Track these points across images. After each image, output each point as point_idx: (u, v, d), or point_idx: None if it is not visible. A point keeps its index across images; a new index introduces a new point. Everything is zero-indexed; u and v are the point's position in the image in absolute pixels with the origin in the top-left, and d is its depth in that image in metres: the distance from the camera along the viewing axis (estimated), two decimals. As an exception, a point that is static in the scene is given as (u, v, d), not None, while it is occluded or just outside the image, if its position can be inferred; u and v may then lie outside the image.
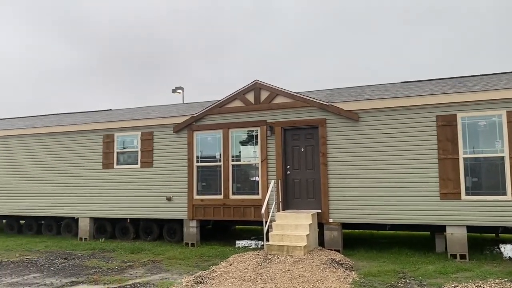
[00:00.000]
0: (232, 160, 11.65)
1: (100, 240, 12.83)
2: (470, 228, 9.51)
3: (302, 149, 11.03)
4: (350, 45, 59.04)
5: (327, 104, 10.59)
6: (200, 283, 7.43)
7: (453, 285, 7.03)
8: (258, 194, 11.20)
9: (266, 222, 9.97)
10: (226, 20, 65.91)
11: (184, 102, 23.58)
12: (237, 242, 12.54)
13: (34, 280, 8.21)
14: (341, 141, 10.46)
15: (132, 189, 12.65)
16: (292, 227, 9.85)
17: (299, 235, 9.49)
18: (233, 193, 11.54)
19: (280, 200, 10.85)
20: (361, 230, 13.39)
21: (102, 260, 10.02)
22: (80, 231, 13.28)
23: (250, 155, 11.57)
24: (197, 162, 12.00)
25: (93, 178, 13.20)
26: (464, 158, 9.46)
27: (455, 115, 9.57)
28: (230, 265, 8.55)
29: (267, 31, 64.10)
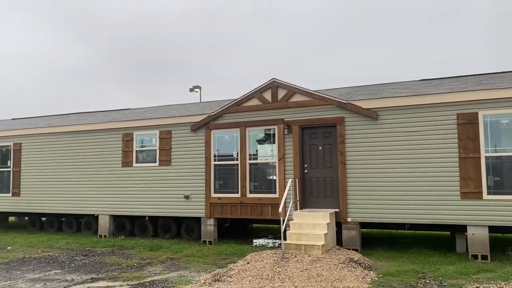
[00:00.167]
0: (249, 159, 11.66)
1: (120, 238, 13.00)
2: (492, 228, 9.30)
3: (320, 148, 10.97)
4: (365, 44, 58.51)
5: (345, 102, 10.51)
6: (218, 280, 7.46)
7: (474, 286, 6.91)
8: (275, 192, 11.18)
9: (283, 220, 9.95)
10: (242, 19, 65.96)
11: (201, 101, 23.73)
12: (254, 240, 12.55)
13: (56, 276, 8.37)
14: (359, 139, 10.37)
15: (151, 187, 12.78)
16: (309, 226, 9.81)
17: (317, 234, 9.45)
18: (250, 192, 11.55)
19: (298, 199, 10.82)
20: (380, 230, 13.26)
21: (122, 257, 10.15)
22: (100, 229, 13.48)
23: (267, 153, 11.56)
24: (215, 160, 12.05)
25: (112, 176, 13.38)
26: (486, 157, 9.27)
27: (476, 113, 9.39)
28: (248, 263, 8.56)
29: (283, 29, 63.93)
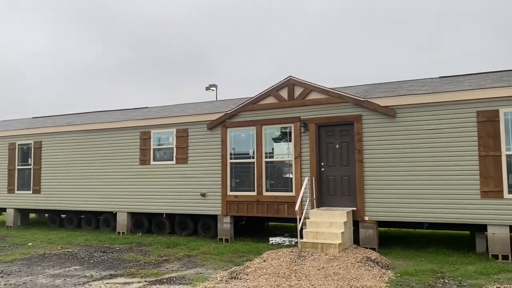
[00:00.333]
0: (266, 157, 11.66)
1: (137, 235, 13.15)
2: (513, 228, 9.15)
3: (337, 146, 10.90)
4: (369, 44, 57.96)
5: (362, 100, 10.43)
6: (235, 278, 7.48)
7: (495, 286, 6.79)
8: (291, 191, 11.16)
9: (300, 219, 9.92)
10: (257, 17, 65.92)
11: (218, 99, 23.82)
12: (270, 238, 12.56)
13: (75, 272, 8.51)
14: (377, 137, 10.28)
15: (168, 185, 12.88)
16: (326, 224, 9.77)
17: (334, 233, 9.40)
18: (267, 190, 11.55)
19: (314, 197, 10.78)
20: (398, 228, 13.12)
21: (139, 254, 10.27)
22: (118, 226, 13.66)
23: (284, 151, 11.55)
24: (231, 158, 12.08)
25: (130, 174, 13.54)
26: (507, 155, 9.09)
27: (497, 110, 9.21)
28: (264, 261, 8.57)
29: (298, 28, 63.69)
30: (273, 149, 11.68)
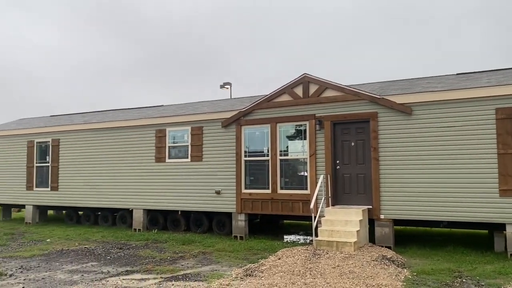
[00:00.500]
0: (280, 155, 11.64)
1: (153, 231, 13.27)
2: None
3: (353, 144, 10.83)
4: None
5: (378, 97, 10.33)
6: (250, 275, 7.50)
7: (514, 287, 6.68)
8: (306, 189, 11.13)
9: (315, 217, 9.90)
10: (270, 15, 65.81)
11: (232, 97, 23.85)
12: (285, 236, 12.55)
13: (92, 268, 8.63)
14: (393, 135, 10.18)
15: (183, 182, 12.97)
16: (341, 222, 9.72)
17: (349, 231, 9.36)
18: (281, 188, 11.54)
19: (330, 196, 10.73)
20: (414, 227, 12.99)
21: (155, 250, 10.36)
22: (134, 222, 13.80)
23: (298, 149, 11.52)
24: (245, 156, 12.10)
25: (146, 171, 13.66)
26: (526, 153, 8.93)
27: (517, 108, 9.05)
28: (279, 259, 8.57)
29: (311, 26, 63.38)
30: (287, 147, 11.66)
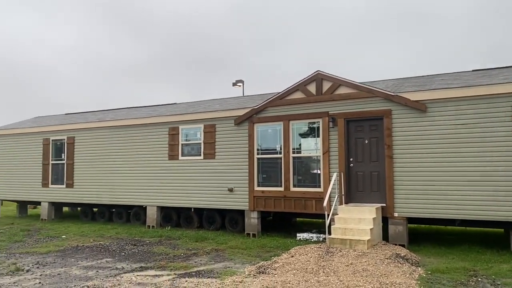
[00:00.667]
0: (293, 152, 11.61)
1: (166, 228, 13.36)
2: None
3: (366, 141, 10.75)
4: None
5: (392, 94, 10.24)
6: (262, 273, 7.51)
7: (531, 286, 6.57)
8: (319, 186, 11.09)
9: (328, 215, 9.86)
10: (282, 13, 65.63)
11: (244, 95, 23.85)
12: (298, 234, 12.53)
13: (107, 264, 8.72)
14: (407, 132, 10.08)
15: (196, 180, 13.02)
16: (355, 220, 9.67)
17: (363, 229, 9.30)
18: (294, 186, 11.52)
19: (343, 193, 10.67)
20: (428, 225, 12.87)
21: (169, 247, 10.43)
22: (148, 219, 13.91)
23: (311, 147, 11.48)
24: (258, 154, 12.10)
25: (159, 169, 13.75)
26: (544, 150, 8.77)
27: (534, 104, 8.88)
28: (292, 256, 8.56)
29: (326, 25, 63.02)
30: (300, 144, 11.63)
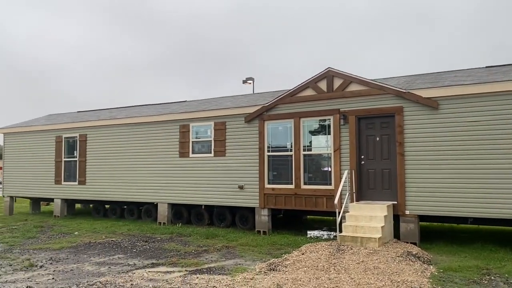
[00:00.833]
0: (304, 150, 11.59)
1: (177, 225, 13.43)
2: None
3: (377, 139, 10.69)
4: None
5: (404, 91, 10.16)
6: (273, 270, 7.52)
7: (546, 285, 6.49)
8: (330, 184, 11.06)
9: (339, 212, 9.83)
10: (292, 11, 65.51)
11: (255, 92, 23.84)
12: (308, 232, 12.52)
13: (119, 260, 8.80)
14: (419, 130, 10.00)
15: (206, 177, 13.06)
16: (366, 218, 9.63)
17: (374, 227, 9.26)
18: (305, 183, 11.50)
19: (354, 191, 10.63)
20: (440, 223, 12.77)
21: (180, 244, 10.50)
22: (159, 216, 14.00)
23: (322, 144, 11.44)
24: (268, 151, 12.09)
25: (170, 166, 13.82)
26: (559, 148, 8.64)
27: (549, 101, 8.75)
28: (303, 254, 8.56)
29: (335, 23, 62.77)
30: (311, 142, 11.60)
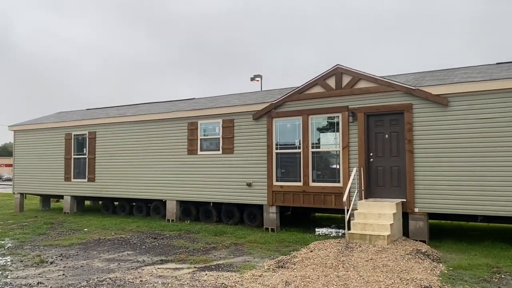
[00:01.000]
0: (312, 147, 11.57)
1: (186, 222, 13.49)
2: None
3: (386, 136, 10.64)
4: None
5: (413, 88, 10.09)
6: (282, 267, 7.52)
7: (557, 284, 6.42)
8: (339, 181, 11.03)
9: (347, 210, 9.80)
10: (300, 9, 65.29)
11: (262, 89, 23.82)
12: (316, 229, 12.50)
13: (128, 257, 8.86)
14: (428, 127, 9.93)
15: (214, 175, 13.10)
16: (375, 216, 9.59)
17: (383, 224, 9.23)
18: (313, 180, 11.48)
19: (363, 188, 10.59)
20: (449, 221, 12.68)
21: (188, 241, 10.54)
22: (167, 213, 14.07)
23: (331, 142, 11.41)
24: (276, 149, 12.09)
25: (179, 164, 13.87)
26: None
27: (561, 98, 8.64)
28: (311, 251, 8.56)
29: (342, 21, 62.45)
30: (319, 139, 11.57)
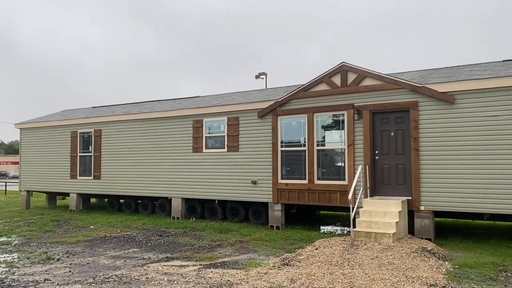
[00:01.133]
0: (317, 145, 11.55)
1: (191, 220, 13.52)
2: None
3: (392, 134, 10.60)
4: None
5: (419, 85, 10.04)
6: (287, 265, 7.53)
7: None
8: (344, 179, 11.01)
9: (353, 208, 9.79)
10: (306, 8, 65.11)
11: (267, 87, 23.81)
12: (322, 227, 12.49)
13: (134, 254, 8.90)
14: (434, 124, 9.89)
15: (220, 172, 13.11)
16: (380, 213, 9.57)
17: (388, 222, 9.20)
18: (318, 178, 11.46)
19: (368, 186, 10.57)
20: (455, 219, 12.64)
21: (193, 238, 10.57)
22: (172, 211, 14.11)
23: (336, 139, 11.39)
24: (281, 146, 12.08)
25: (184, 161, 13.90)
26: None
27: None
28: (316, 249, 8.56)
29: (348, 18, 62.20)
30: (324, 137, 11.55)
